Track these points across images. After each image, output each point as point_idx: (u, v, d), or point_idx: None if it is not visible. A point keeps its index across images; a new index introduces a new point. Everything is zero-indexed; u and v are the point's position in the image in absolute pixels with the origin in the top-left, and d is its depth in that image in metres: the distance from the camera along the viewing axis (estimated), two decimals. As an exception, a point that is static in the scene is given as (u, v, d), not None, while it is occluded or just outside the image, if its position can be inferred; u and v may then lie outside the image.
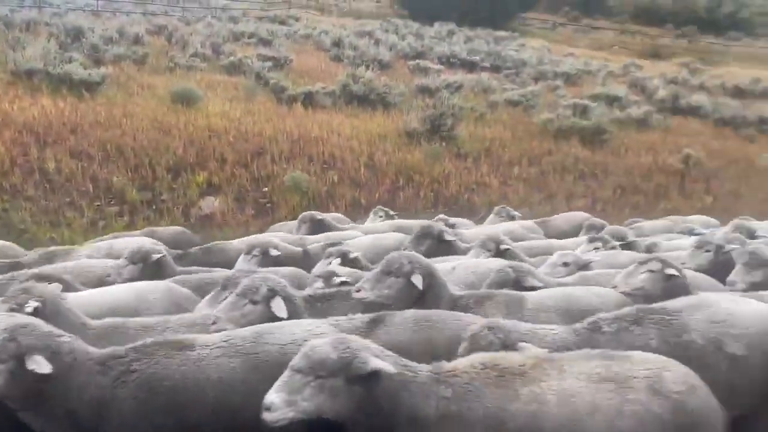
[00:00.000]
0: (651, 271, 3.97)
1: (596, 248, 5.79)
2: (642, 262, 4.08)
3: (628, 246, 6.05)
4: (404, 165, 12.11)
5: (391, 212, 8.35)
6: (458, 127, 13.90)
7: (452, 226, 7.47)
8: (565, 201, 11.63)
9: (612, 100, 18.85)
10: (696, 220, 8.52)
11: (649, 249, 6.14)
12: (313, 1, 47.48)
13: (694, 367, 3.17)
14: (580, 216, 8.25)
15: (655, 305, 3.48)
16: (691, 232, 7.01)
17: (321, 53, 24.77)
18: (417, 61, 23.78)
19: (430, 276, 3.83)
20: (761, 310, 3.53)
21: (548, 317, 3.68)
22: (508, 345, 2.98)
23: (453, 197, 11.47)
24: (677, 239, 6.74)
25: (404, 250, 5.43)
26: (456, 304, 3.83)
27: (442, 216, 7.78)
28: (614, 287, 4.03)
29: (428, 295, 3.80)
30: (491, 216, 8.26)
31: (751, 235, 6.21)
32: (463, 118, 14.79)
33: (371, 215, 8.39)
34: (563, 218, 8.23)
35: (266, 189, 10.72)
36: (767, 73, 32.22)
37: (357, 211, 10.12)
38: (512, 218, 7.99)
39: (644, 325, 3.31)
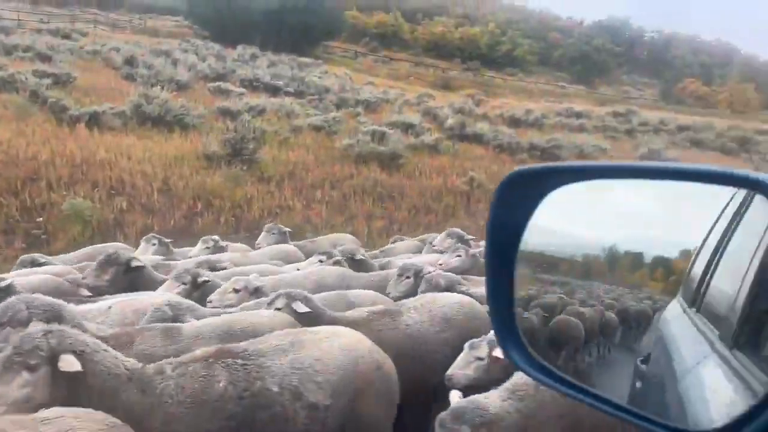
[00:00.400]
0: (278, 309, 3.96)
1: (320, 261, 6.14)
2: (270, 302, 4.08)
3: (356, 263, 6.29)
4: (203, 189, 11.65)
5: (165, 240, 7.55)
6: (261, 151, 13.76)
7: (223, 248, 7.27)
8: (365, 222, 12.04)
9: (407, 128, 20.03)
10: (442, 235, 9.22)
11: (383, 267, 6.53)
12: (102, 16, 44.19)
13: (268, 415, 3.05)
14: (343, 237, 8.74)
15: (239, 346, 3.26)
16: (430, 245, 7.49)
17: (111, 71, 23.10)
18: (218, 83, 23.25)
19: (57, 317, 3.36)
20: (351, 349, 3.40)
21: (205, 343, 3.46)
22: (56, 353, 2.70)
23: (255, 221, 11.23)
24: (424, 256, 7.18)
25: (84, 279, 5.11)
26: (106, 342, 3.24)
27: (213, 237, 7.45)
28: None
29: None
30: (263, 233, 8.21)
31: (461, 238, 7.17)
32: (266, 142, 14.69)
33: (143, 243, 7.48)
34: (328, 239, 8.61)
35: (40, 219, 9.60)
36: (537, 105, 36.95)
37: (150, 240, 9.45)
38: (283, 234, 8.06)
39: (213, 367, 3.06)
